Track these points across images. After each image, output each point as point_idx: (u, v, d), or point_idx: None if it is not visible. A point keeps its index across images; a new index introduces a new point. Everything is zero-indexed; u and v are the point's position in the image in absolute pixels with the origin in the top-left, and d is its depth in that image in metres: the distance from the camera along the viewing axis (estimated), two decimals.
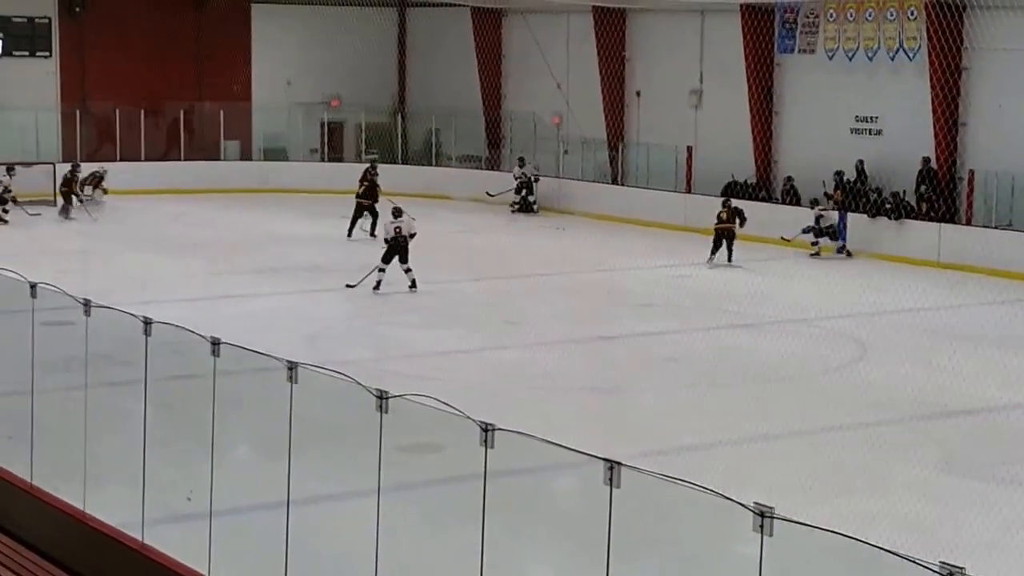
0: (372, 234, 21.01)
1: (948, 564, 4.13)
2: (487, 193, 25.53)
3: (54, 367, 8.84)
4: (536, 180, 25.44)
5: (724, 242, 19.81)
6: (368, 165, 23.35)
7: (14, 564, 7.63)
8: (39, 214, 22.75)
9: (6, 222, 22.20)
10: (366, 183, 22.02)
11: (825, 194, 21.92)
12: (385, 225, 17.25)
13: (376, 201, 21.65)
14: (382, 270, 16.56)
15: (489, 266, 19.61)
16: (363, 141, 29.32)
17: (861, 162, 21.65)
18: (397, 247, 16.57)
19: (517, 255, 20.56)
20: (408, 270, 16.63)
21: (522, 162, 25.69)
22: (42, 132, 26.64)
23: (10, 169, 23.27)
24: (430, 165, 28.51)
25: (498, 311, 15.91)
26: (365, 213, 21.58)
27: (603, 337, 14.53)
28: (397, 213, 16.99)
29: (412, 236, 16.78)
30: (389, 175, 27.90)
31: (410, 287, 16.60)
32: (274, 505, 6.70)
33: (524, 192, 25.33)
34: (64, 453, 8.29)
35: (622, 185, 25.55)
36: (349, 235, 21.32)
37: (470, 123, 28.37)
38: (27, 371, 8.54)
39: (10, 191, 22.80)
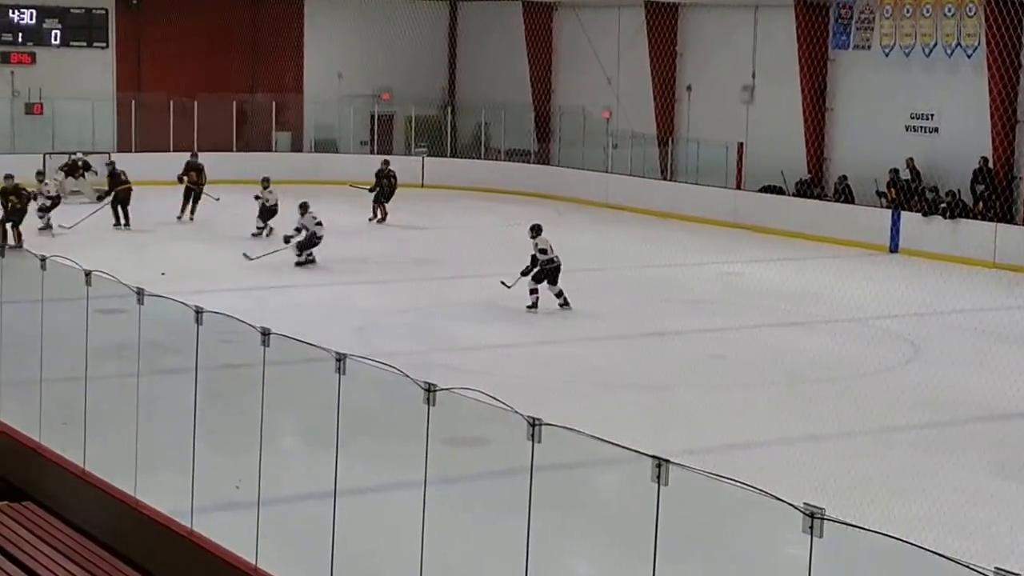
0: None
1: (1004, 570, 4.04)
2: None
3: (107, 354, 8.95)
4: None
5: None
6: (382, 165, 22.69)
7: (66, 548, 7.75)
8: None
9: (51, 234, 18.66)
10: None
11: (878, 192, 21.62)
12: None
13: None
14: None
15: None
16: (412, 134, 29.42)
17: (911, 160, 21.31)
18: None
19: (566, 250, 20.49)
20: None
21: (266, 183, 20.39)
22: (98, 122, 27.05)
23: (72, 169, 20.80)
24: (479, 159, 28.52)
25: (546, 305, 15.87)
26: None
27: (652, 333, 14.44)
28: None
29: None
30: (438, 168, 28.12)
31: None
32: (321, 495, 6.74)
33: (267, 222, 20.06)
34: (116, 440, 8.40)
35: (671, 181, 25.40)
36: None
37: (519, 117, 28.34)
38: (81, 358, 8.66)
39: (51, 198, 19.15)
